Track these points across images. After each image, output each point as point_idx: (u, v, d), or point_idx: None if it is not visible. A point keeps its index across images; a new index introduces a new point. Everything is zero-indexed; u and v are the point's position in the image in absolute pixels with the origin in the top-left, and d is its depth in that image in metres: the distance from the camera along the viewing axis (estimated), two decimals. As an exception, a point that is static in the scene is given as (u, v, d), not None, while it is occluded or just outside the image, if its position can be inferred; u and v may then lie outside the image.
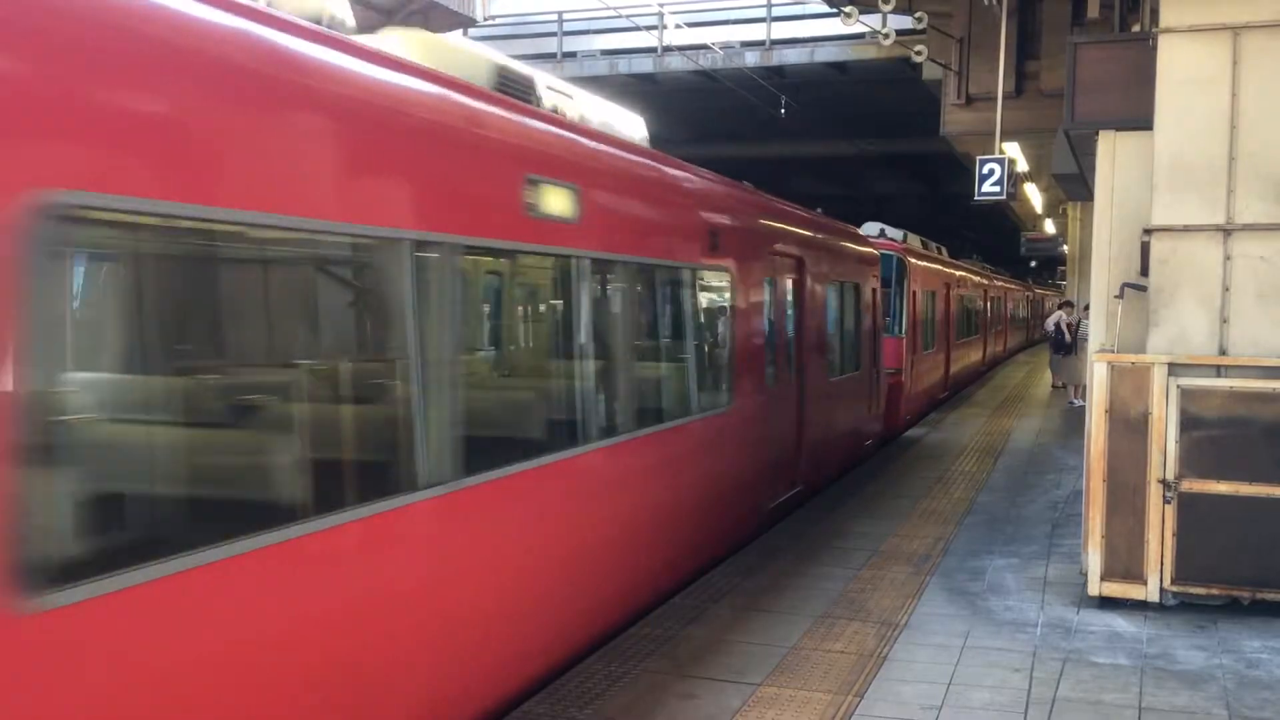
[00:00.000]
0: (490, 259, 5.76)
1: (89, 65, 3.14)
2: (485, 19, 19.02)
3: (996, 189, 12.88)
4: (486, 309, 6.29)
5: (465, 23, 17.90)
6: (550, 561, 5.71)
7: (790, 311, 10.38)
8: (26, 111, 2.94)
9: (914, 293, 17.13)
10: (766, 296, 9.57)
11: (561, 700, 5.50)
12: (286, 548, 3.78)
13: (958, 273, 23.24)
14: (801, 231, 10.80)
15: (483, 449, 5.01)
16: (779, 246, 9.88)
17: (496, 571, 5.15)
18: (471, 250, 5.10)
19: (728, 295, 8.63)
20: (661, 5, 19.38)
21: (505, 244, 5.32)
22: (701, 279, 8.21)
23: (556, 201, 5.68)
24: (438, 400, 4.69)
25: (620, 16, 17.01)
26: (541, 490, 5.64)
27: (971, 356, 24.98)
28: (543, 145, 5.75)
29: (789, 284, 10.28)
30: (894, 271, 16.16)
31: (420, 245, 4.58)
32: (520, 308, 6.79)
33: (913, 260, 17.35)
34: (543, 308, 6.72)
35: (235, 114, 3.64)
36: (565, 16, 20.69)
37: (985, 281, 28.43)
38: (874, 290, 13.82)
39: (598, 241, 6.27)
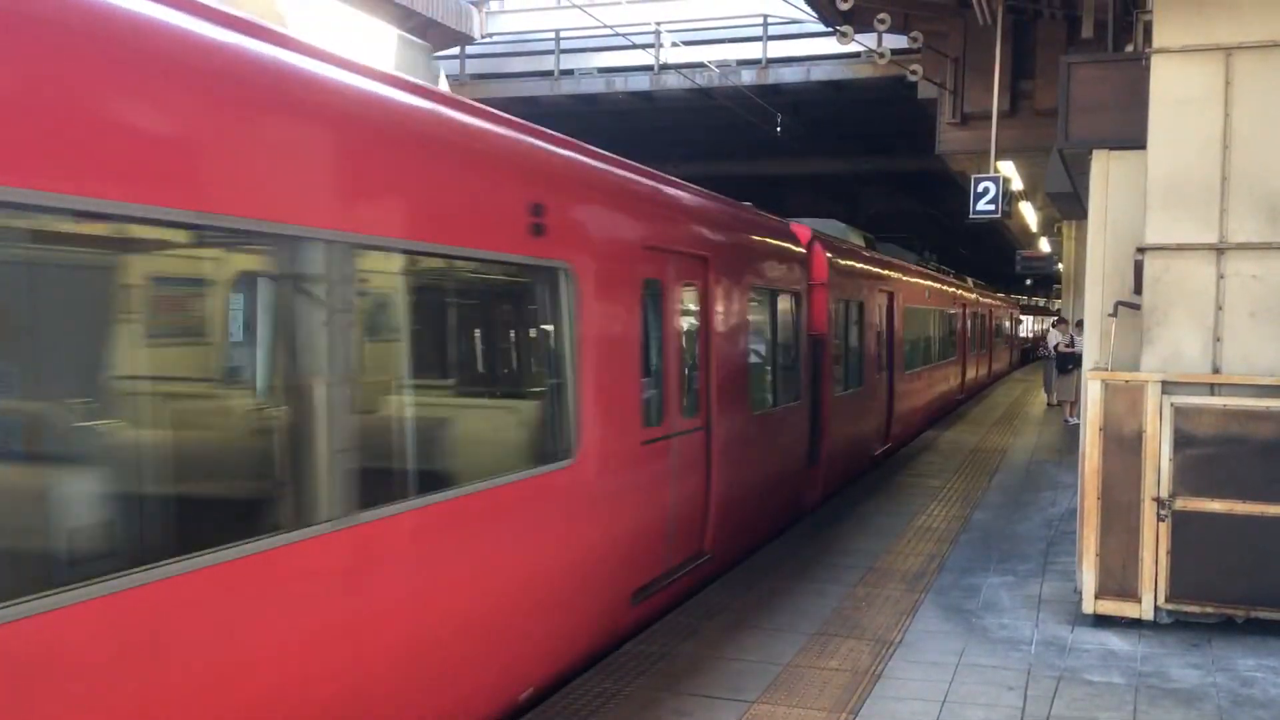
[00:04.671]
0: None
1: None
2: (483, 36, 19.10)
3: (991, 207, 12.89)
4: None
5: (463, 40, 17.97)
6: None
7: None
8: None
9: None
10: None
11: (554, 718, 5.48)
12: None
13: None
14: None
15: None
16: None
17: None
18: None
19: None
20: (658, 24, 19.46)
21: None
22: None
23: None
24: None
25: (617, 35, 17.07)
26: None
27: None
28: None
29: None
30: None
31: None
32: None
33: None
34: None
35: None
36: (562, 35, 20.75)
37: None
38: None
39: None
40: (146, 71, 3.44)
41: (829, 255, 11.85)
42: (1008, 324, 38.08)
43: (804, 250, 10.98)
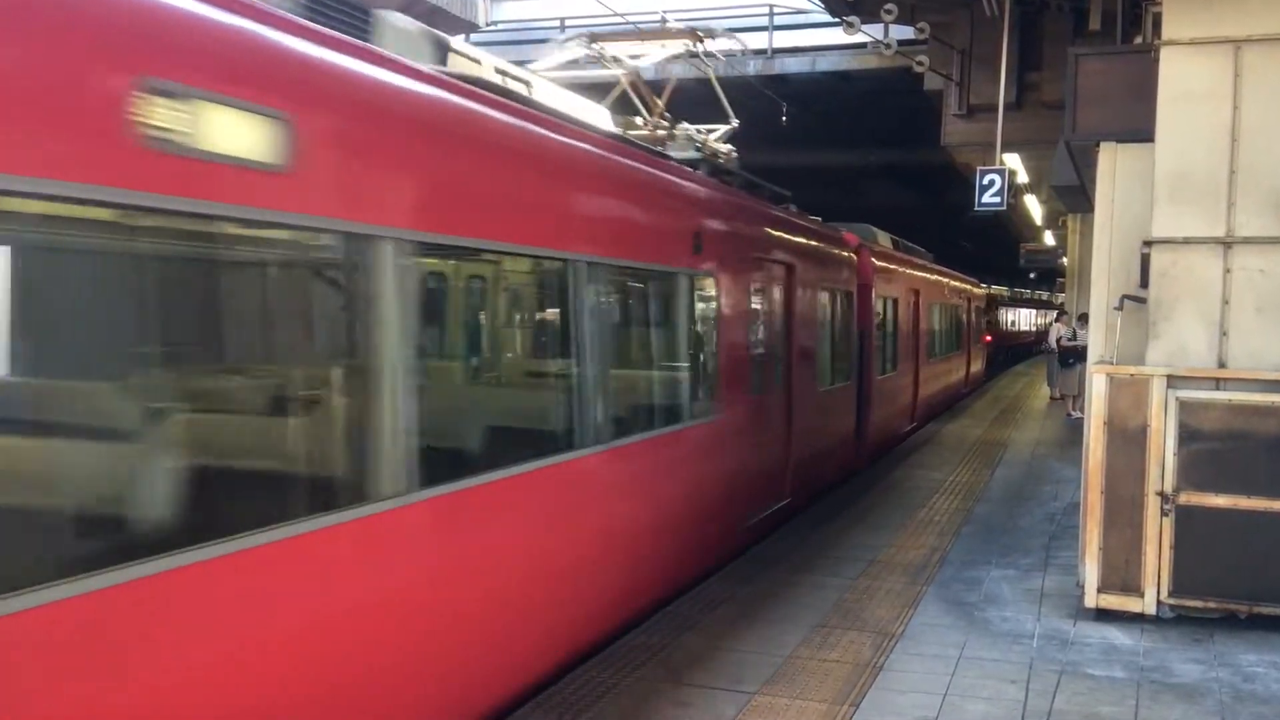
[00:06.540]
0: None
1: None
2: (487, 24, 19.05)
3: (996, 200, 12.86)
4: None
5: (468, 28, 17.93)
6: None
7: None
8: None
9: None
10: None
11: (554, 709, 5.48)
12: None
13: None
14: None
15: None
16: None
17: None
18: None
19: None
20: (664, 13, 19.41)
21: None
22: None
23: None
24: None
25: (624, 23, 17.02)
26: None
27: None
28: None
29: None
30: None
31: None
32: None
33: None
34: None
35: None
36: (567, 23, 20.70)
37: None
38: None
39: None
40: None
41: None
42: (966, 318, 25.66)
43: None
